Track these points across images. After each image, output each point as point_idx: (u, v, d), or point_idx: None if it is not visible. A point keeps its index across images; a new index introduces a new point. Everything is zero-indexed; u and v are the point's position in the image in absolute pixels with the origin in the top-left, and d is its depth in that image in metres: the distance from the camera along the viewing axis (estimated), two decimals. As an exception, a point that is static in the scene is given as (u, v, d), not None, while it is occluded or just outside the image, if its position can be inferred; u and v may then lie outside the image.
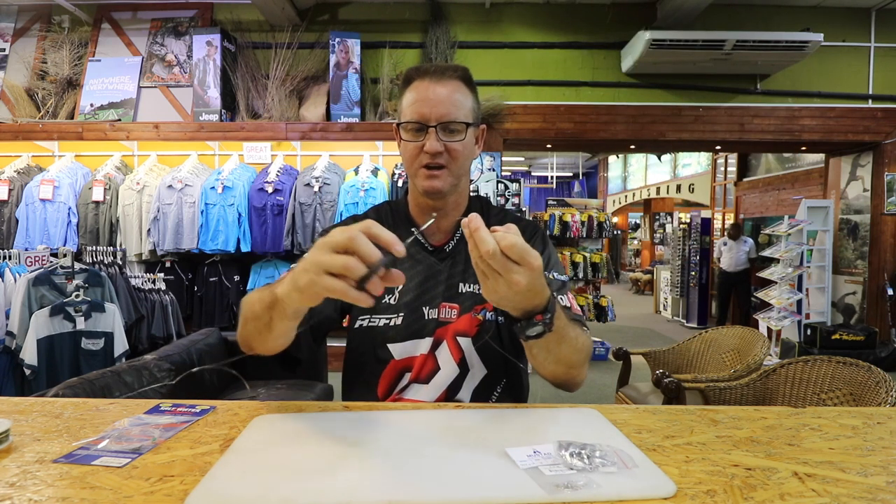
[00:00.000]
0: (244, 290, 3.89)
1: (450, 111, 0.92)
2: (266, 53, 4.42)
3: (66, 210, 3.77)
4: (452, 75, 0.95)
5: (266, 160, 4.11)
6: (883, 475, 0.57)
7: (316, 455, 0.60)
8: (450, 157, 0.93)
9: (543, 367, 0.80)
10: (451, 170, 0.94)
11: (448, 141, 0.93)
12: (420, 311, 0.96)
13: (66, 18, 4.59)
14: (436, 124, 0.92)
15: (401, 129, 0.96)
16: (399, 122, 0.96)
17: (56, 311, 2.62)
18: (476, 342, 0.95)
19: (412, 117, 0.93)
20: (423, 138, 0.92)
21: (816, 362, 1.64)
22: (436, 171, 0.93)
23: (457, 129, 0.93)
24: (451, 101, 0.93)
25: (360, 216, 1.04)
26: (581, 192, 15.65)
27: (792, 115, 4.64)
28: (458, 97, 0.94)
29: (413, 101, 0.94)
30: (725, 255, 6.56)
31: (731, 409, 0.79)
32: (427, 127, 0.92)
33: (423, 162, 0.93)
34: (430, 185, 0.94)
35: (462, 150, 0.94)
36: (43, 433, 0.68)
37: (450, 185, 0.95)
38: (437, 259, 1.00)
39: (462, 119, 0.93)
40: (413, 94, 0.94)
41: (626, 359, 2.71)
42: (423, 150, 0.92)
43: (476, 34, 4.61)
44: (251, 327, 0.76)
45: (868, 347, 4.60)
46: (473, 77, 0.98)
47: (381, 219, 1.02)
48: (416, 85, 0.95)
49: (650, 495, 0.51)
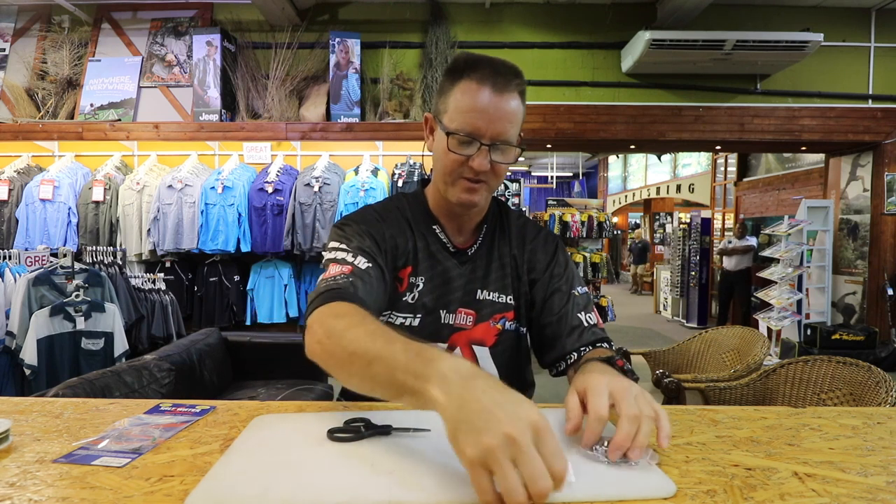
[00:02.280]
0: (244, 289, 3.89)
1: (507, 130, 0.84)
2: (266, 53, 4.42)
3: (66, 210, 3.76)
4: (515, 89, 0.84)
5: (266, 160, 4.11)
6: (883, 475, 0.57)
7: (316, 455, 0.60)
8: (493, 174, 0.87)
9: None
10: (491, 185, 0.89)
11: (496, 161, 0.86)
12: (437, 313, 0.93)
13: (66, 18, 4.59)
14: (489, 143, 0.83)
15: (448, 137, 0.85)
16: (447, 130, 0.85)
17: (56, 311, 2.61)
18: (494, 351, 0.93)
19: (464, 128, 0.83)
20: (471, 152, 0.84)
21: (816, 362, 1.63)
22: (476, 185, 0.87)
23: (508, 149, 0.86)
24: (509, 117, 0.84)
25: (377, 205, 0.99)
26: (581, 192, 15.65)
27: (792, 115, 4.64)
28: (515, 112, 0.85)
29: (468, 109, 0.83)
30: (729, 254, 6.56)
31: (731, 409, 0.79)
32: (480, 144, 0.83)
33: (465, 175, 0.86)
34: (469, 199, 0.88)
35: (505, 169, 0.89)
36: (43, 433, 0.68)
37: (485, 200, 0.92)
38: (458, 261, 0.96)
39: (514, 138, 0.86)
40: (468, 100, 0.83)
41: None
42: (469, 164, 0.85)
43: (476, 34, 4.61)
44: (357, 373, 0.63)
45: (868, 347, 4.60)
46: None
47: (401, 210, 0.98)
48: (472, 87, 0.83)
49: (650, 495, 0.51)
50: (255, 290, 3.89)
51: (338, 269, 0.81)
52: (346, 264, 0.82)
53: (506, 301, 0.96)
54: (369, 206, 0.99)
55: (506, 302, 0.96)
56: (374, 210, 0.97)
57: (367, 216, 0.94)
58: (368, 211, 0.96)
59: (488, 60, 0.85)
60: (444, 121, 0.86)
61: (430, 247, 0.95)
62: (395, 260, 0.92)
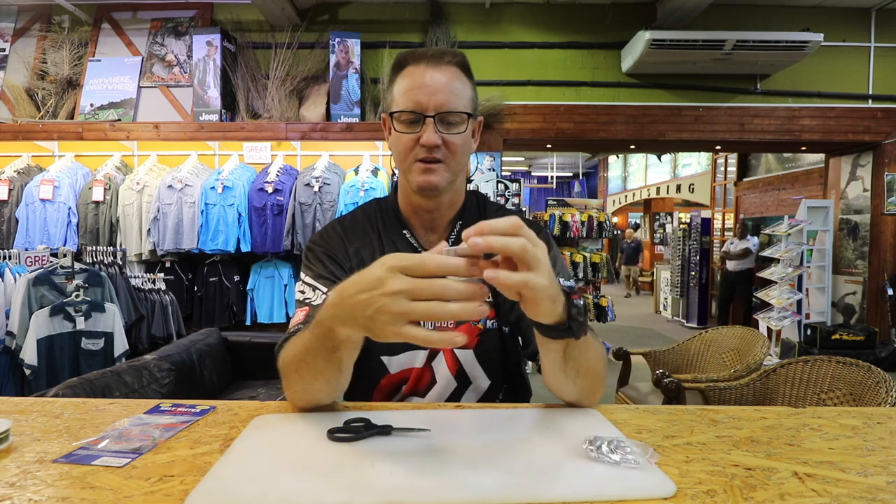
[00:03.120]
0: (244, 289, 3.89)
1: (449, 100, 0.83)
2: (266, 53, 4.42)
3: (66, 210, 3.76)
4: (451, 61, 0.85)
5: (266, 160, 4.11)
6: (883, 475, 0.57)
7: (316, 455, 0.60)
8: (448, 151, 0.85)
9: (565, 385, 0.75)
10: (449, 165, 0.86)
11: (446, 133, 0.84)
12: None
13: (66, 18, 4.59)
14: (434, 114, 0.83)
15: (393, 120, 0.86)
16: (391, 111, 0.86)
17: (56, 311, 2.61)
18: (478, 352, 0.91)
19: (407, 106, 0.84)
20: (418, 130, 0.84)
21: (816, 362, 1.64)
22: (432, 166, 0.85)
23: (456, 120, 0.84)
24: (451, 89, 0.84)
25: (346, 217, 0.98)
26: (581, 192, 15.66)
27: (792, 115, 4.64)
28: (457, 85, 0.85)
29: (408, 89, 0.84)
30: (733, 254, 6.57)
31: (731, 409, 0.79)
32: (424, 117, 0.83)
33: (419, 156, 0.85)
34: (426, 180, 0.85)
35: (461, 144, 0.86)
36: (43, 433, 0.68)
37: (447, 182, 0.87)
38: None
39: (462, 109, 0.84)
40: (407, 81, 0.85)
41: (626, 359, 2.71)
42: (419, 142, 0.84)
43: (476, 34, 4.61)
44: (307, 373, 0.70)
45: (868, 347, 4.60)
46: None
47: (370, 219, 0.96)
48: (410, 70, 0.85)
49: (650, 495, 0.51)
50: (255, 290, 3.89)
51: (298, 317, 0.83)
52: (305, 305, 0.84)
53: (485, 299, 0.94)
54: (336, 220, 0.98)
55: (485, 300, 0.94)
56: (340, 225, 0.96)
57: (330, 236, 0.94)
58: (333, 228, 0.95)
59: (429, 49, 0.88)
60: (391, 109, 0.87)
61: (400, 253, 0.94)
62: None
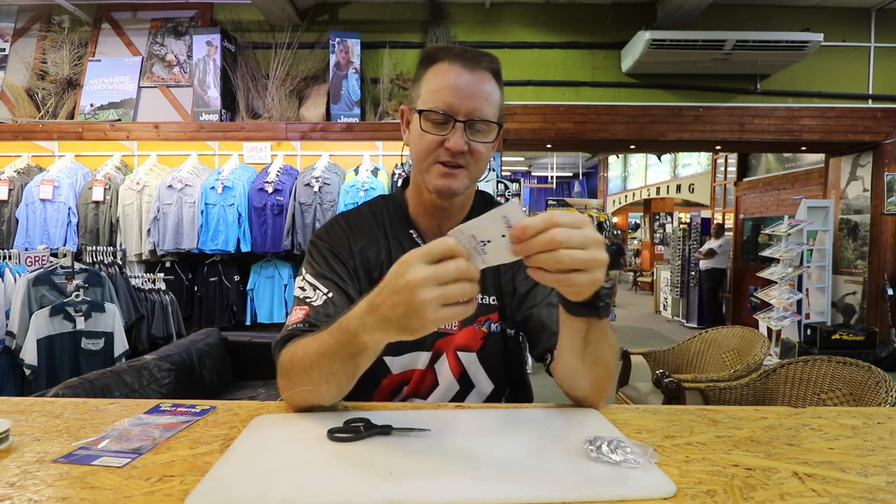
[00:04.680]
0: (244, 290, 3.89)
1: (482, 107, 0.81)
2: (266, 53, 4.42)
3: (66, 210, 3.76)
4: (487, 66, 0.83)
5: (266, 160, 4.10)
6: (883, 475, 0.57)
7: (316, 455, 0.60)
8: (472, 157, 0.83)
9: (580, 371, 0.73)
10: (471, 171, 0.85)
11: (473, 140, 0.82)
12: None
13: (66, 18, 4.59)
14: (464, 120, 0.80)
15: (420, 117, 0.82)
16: (419, 108, 0.83)
17: (56, 311, 2.61)
18: (481, 356, 0.90)
19: (437, 106, 0.80)
20: (445, 132, 0.81)
21: (816, 362, 1.64)
22: (454, 171, 0.83)
23: (484, 128, 0.82)
24: (484, 94, 0.81)
25: (352, 212, 0.97)
26: (581, 192, 15.66)
27: (792, 115, 4.64)
28: (490, 92, 0.82)
29: (440, 88, 0.81)
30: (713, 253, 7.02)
31: (731, 409, 0.79)
32: (455, 121, 0.80)
33: (441, 158, 0.83)
34: (446, 184, 0.84)
35: (485, 153, 0.84)
36: (43, 433, 0.68)
37: (465, 187, 0.86)
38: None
39: (491, 117, 0.82)
40: (440, 80, 0.81)
41: (626, 359, 2.71)
42: (444, 145, 0.81)
43: (476, 34, 4.61)
44: (317, 375, 0.69)
45: (868, 347, 4.60)
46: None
47: (376, 216, 0.95)
48: (443, 68, 0.82)
49: (650, 495, 0.51)
50: (255, 290, 3.89)
51: (297, 315, 0.81)
52: (305, 305, 0.83)
53: (489, 302, 0.93)
54: (341, 215, 0.96)
55: (490, 303, 0.93)
56: (346, 220, 0.94)
57: (335, 231, 0.92)
58: (338, 223, 0.94)
59: (464, 48, 0.85)
60: (417, 105, 0.84)
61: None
62: (369, 272, 0.90)
